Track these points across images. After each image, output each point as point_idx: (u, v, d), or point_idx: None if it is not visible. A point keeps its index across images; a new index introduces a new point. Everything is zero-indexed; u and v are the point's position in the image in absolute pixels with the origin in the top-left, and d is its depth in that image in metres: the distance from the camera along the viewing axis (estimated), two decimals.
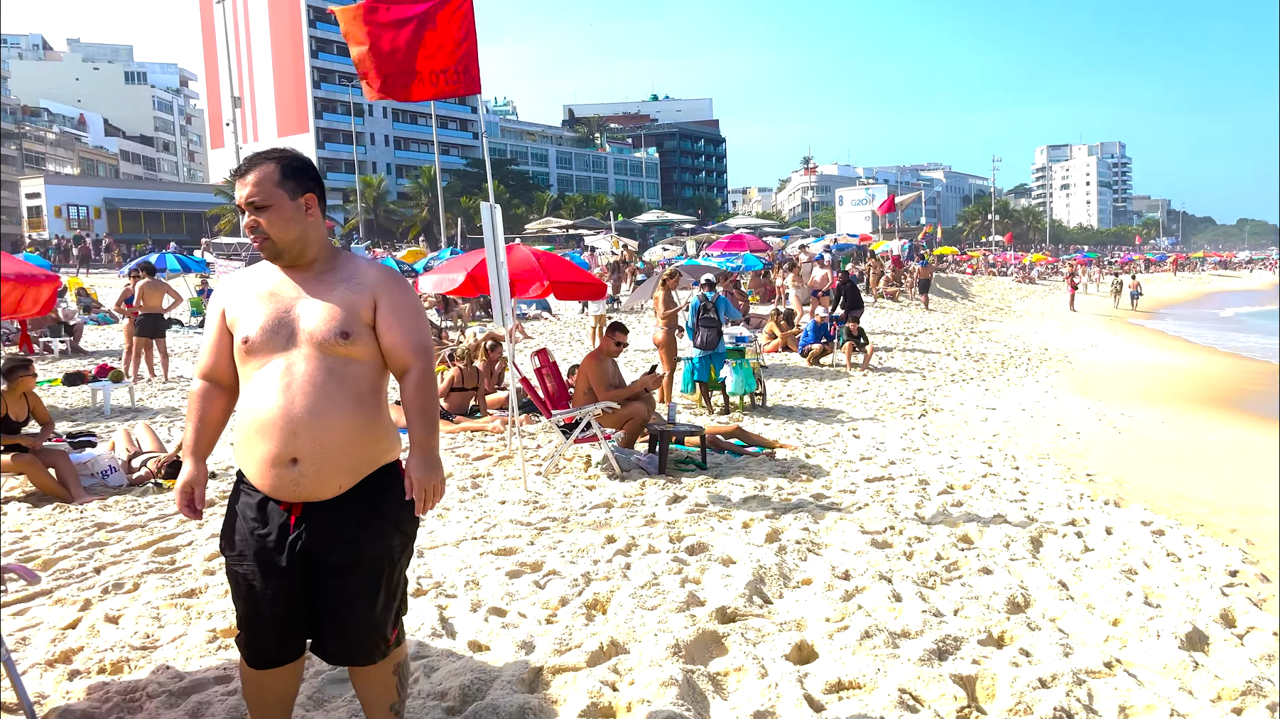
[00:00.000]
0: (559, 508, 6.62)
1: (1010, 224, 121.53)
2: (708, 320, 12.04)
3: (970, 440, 10.93)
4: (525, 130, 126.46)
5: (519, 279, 7.96)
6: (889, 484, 8.02)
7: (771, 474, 8.22)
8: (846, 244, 40.57)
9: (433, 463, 2.84)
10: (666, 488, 7.44)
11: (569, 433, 7.83)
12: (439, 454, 2.92)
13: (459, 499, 6.94)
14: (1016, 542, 6.07)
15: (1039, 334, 28.19)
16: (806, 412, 12.69)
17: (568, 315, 28.54)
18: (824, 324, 18.09)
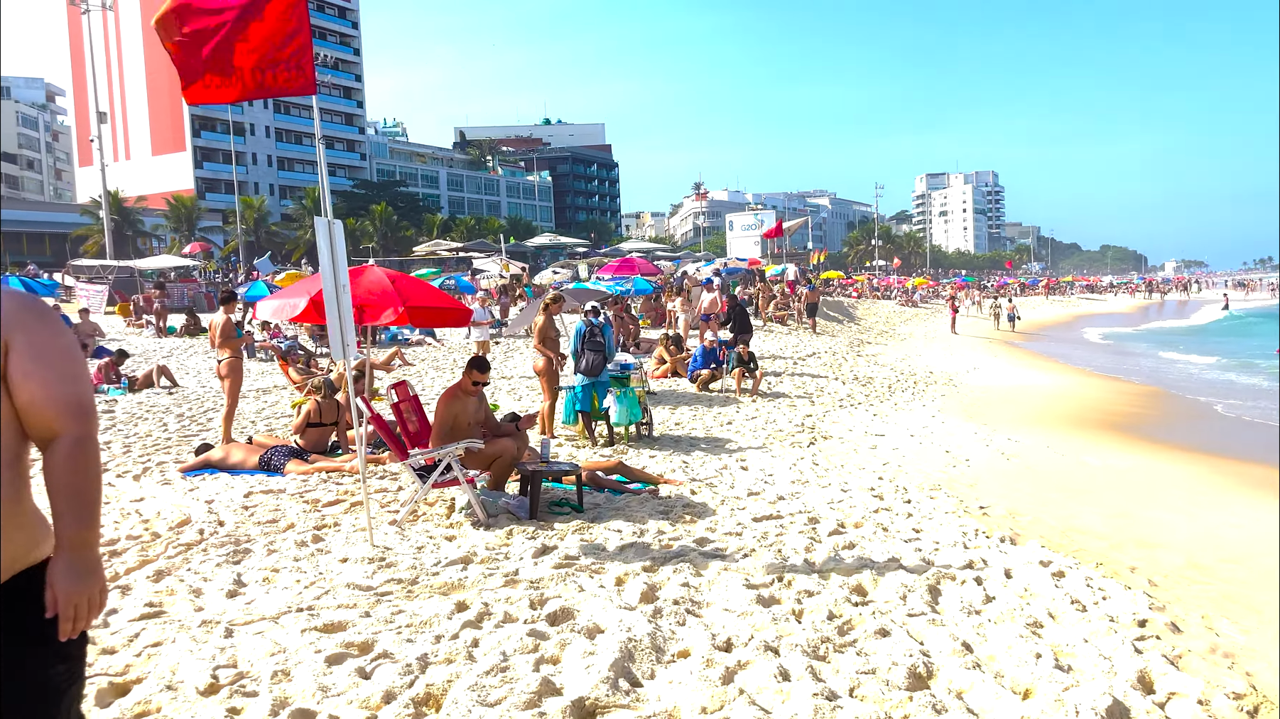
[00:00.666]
0: (408, 566, 5.80)
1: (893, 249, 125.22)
2: (594, 345, 11.36)
3: (860, 470, 10.52)
4: (415, 152, 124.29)
5: (370, 304, 7.14)
6: (777, 524, 7.46)
7: (653, 515, 7.57)
8: (736, 268, 40.62)
9: (86, 568, 2.10)
10: (536, 536, 6.70)
11: (429, 475, 7.03)
12: (98, 554, 2.17)
13: (294, 558, 6.06)
14: (914, 591, 5.55)
15: (924, 357, 28.49)
16: (694, 441, 12.12)
17: (453, 341, 27.50)
18: (713, 349, 17.65)
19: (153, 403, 15.47)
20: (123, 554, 6.29)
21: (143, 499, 8.30)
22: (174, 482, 9.14)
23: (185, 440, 11.76)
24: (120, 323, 31.04)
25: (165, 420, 13.55)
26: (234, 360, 11.31)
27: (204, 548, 6.35)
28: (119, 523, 7.28)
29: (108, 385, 17.07)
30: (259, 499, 8.09)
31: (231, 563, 5.96)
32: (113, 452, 11.00)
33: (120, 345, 24.30)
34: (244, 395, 16.23)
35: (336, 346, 5.93)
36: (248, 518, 7.34)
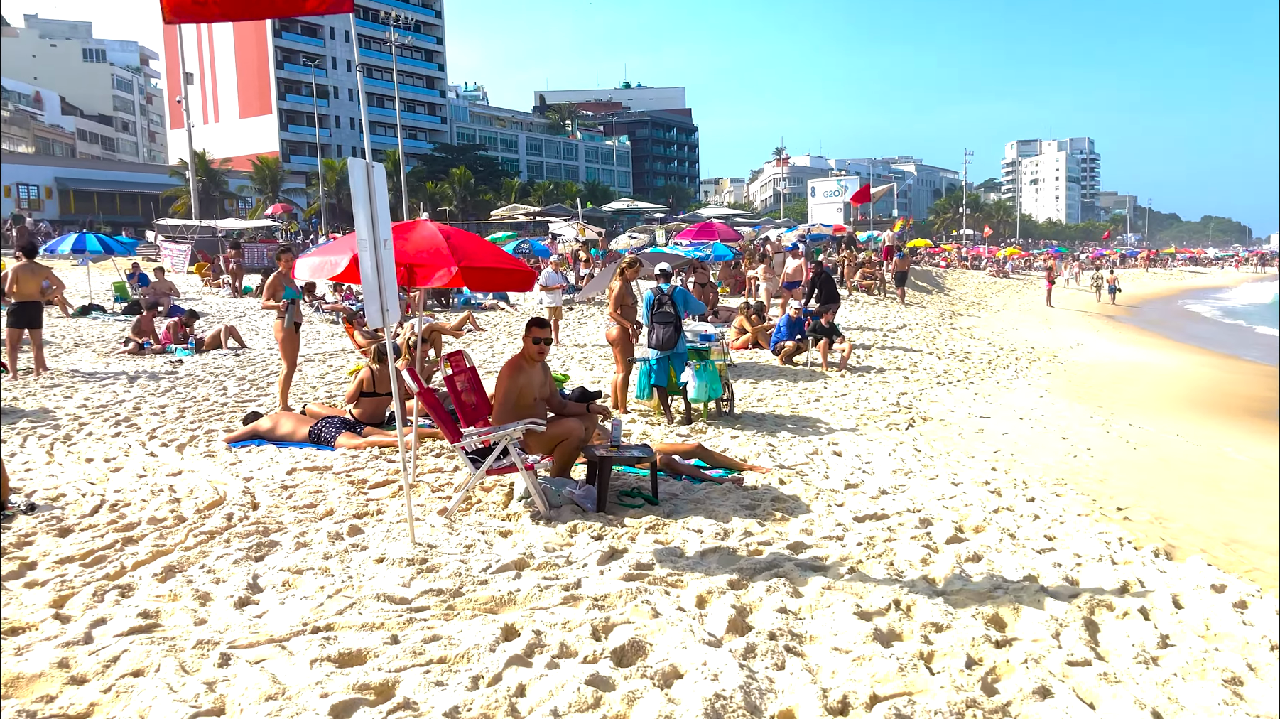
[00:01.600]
0: (452, 571, 4.93)
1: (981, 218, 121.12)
2: (663, 316, 10.37)
3: (969, 459, 9.36)
4: (495, 116, 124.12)
5: (421, 264, 6.26)
6: (883, 526, 6.40)
7: (738, 511, 6.58)
8: (821, 234, 39.06)
9: None
10: (603, 535, 5.78)
11: (484, 459, 6.14)
12: None
13: (324, 555, 5.24)
14: (1067, 627, 4.47)
15: (1021, 331, 26.79)
16: (779, 421, 11.07)
17: (528, 305, 26.76)
18: (798, 319, 16.49)
19: (217, 364, 15.01)
20: (138, 543, 5.55)
21: (180, 473, 7.62)
22: (218, 453, 8.46)
23: (241, 406, 11.15)
24: (198, 282, 31.10)
25: (226, 384, 13.01)
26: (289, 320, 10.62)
27: (227, 538, 5.59)
28: (147, 502, 6.58)
29: (175, 345, 16.71)
30: (301, 477, 7.33)
31: (253, 558, 5.17)
32: (165, 417, 10.45)
33: (197, 305, 24.19)
34: (309, 359, 15.69)
35: (374, 312, 5.05)
36: (284, 500, 6.57)
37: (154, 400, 11.58)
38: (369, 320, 4.98)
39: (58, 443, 9.05)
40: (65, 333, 18.93)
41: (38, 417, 10.47)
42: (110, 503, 6.56)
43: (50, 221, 58.81)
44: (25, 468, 7.90)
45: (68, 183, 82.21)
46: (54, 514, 6.23)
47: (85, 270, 25.50)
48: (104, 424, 10.03)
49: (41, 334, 13.69)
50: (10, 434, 9.50)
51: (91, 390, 12.35)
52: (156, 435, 9.44)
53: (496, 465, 5.99)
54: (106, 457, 8.38)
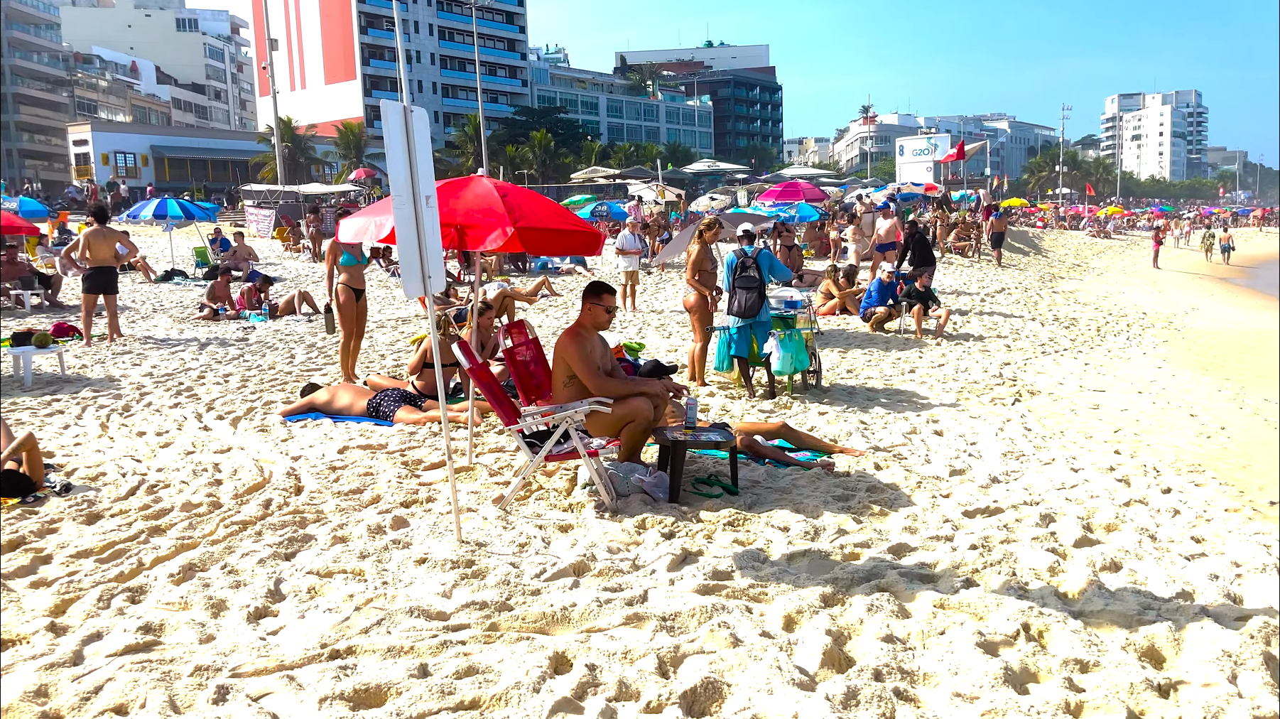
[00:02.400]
0: (501, 577, 4.28)
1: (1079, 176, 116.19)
2: (746, 280, 9.55)
3: (1087, 440, 8.39)
4: (576, 78, 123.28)
5: (474, 224, 5.60)
6: (999, 523, 5.57)
7: (829, 503, 5.81)
8: (912, 194, 37.43)
9: None
10: (675, 532, 5.08)
11: (541, 442, 5.49)
12: None
13: (360, 553, 4.65)
14: (1244, 665, 3.62)
15: (1128, 295, 25.13)
16: (871, 394, 10.21)
17: (606, 270, 26.11)
18: (890, 283, 15.46)
19: (289, 331, 14.73)
20: (165, 532, 5.06)
21: (228, 450, 7.17)
22: (272, 428, 8.01)
23: (306, 376, 10.75)
24: (280, 247, 31.25)
25: (294, 351, 12.67)
26: (344, 289, 10.13)
27: (259, 530, 5.05)
28: (186, 483, 6.12)
29: (249, 311, 16.53)
30: (353, 457, 6.80)
31: (282, 556, 4.62)
32: (227, 386, 10.10)
33: (277, 270, 24.19)
34: (381, 325, 15.32)
35: (411, 279, 4.40)
36: (330, 484, 6.03)
37: (219, 369, 11.27)
38: (405, 290, 4.34)
39: (114, 414, 8.74)
40: (146, 298, 18.98)
41: (102, 385, 10.23)
42: (149, 484, 6.12)
43: (149, 187, 60.26)
44: (75, 442, 7.56)
45: (162, 150, 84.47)
46: (87, 497, 5.80)
47: (168, 236, 25.70)
48: (165, 394, 9.72)
49: (117, 300, 13.54)
50: (70, 404, 9.23)
51: (160, 358, 12.13)
52: (214, 407, 9.07)
53: (556, 451, 5.33)
54: (159, 430, 8.00)
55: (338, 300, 10.13)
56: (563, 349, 5.81)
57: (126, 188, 53.26)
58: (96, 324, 13.93)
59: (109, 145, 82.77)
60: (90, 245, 12.86)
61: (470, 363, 5.32)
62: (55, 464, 6.74)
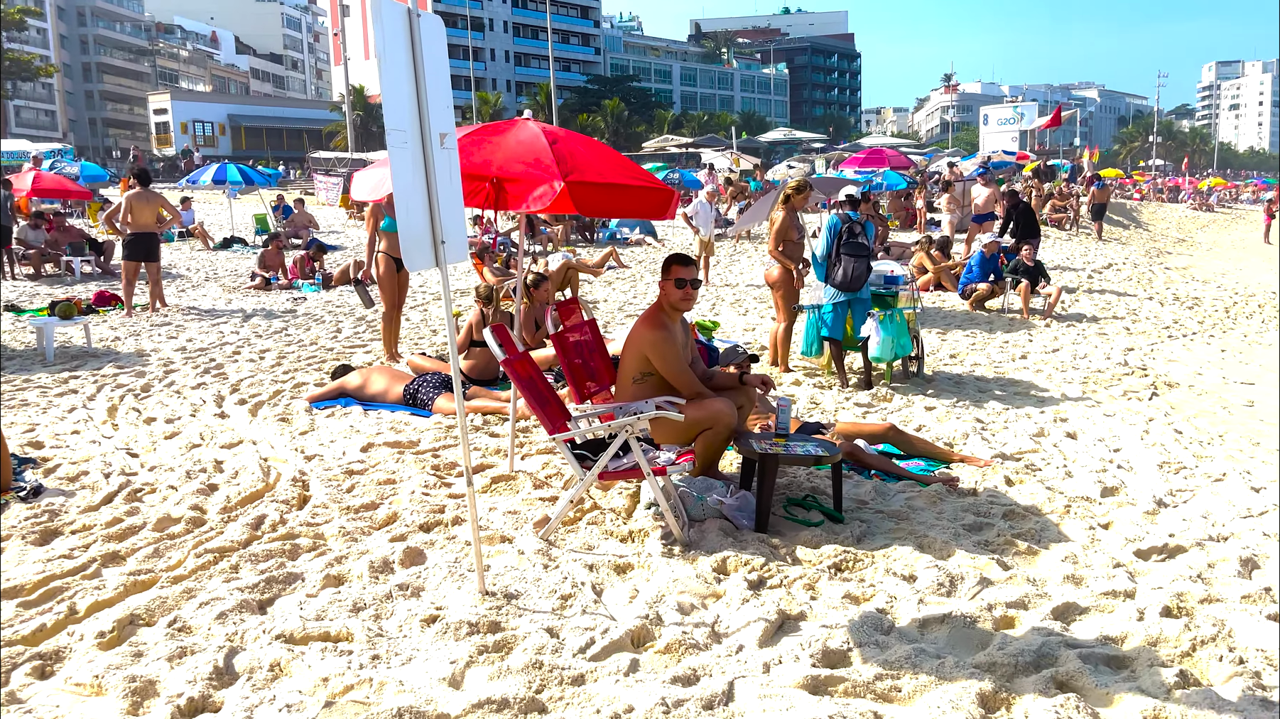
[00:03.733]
0: (532, 655, 3.13)
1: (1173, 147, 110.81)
2: (854, 247, 8.21)
3: (1255, 447, 6.95)
4: (650, 45, 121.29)
5: (515, 178, 4.43)
6: (1189, 571, 4.24)
7: (960, 536, 4.55)
8: (1003, 162, 35.25)
9: None
10: (766, 577, 3.89)
11: (594, 454, 4.34)
12: None
13: (354, 606, 3.54)
14: None
15: (1247, 272, 22.99)
16: (982, 385, 8.85)
17: (677, 240, 24.82)
18: (993, 257, 13.93)
19: (340, 302, 13.85)
20: (124, 561, 4.04)
21: (238, 444, 6.17)
22: (295, 416, 7.01)
23: (349, 353, 9.79)
24: (345, 215, 30.60)
25: (341, 325, 11.75)
26: (385, 257, 9.08)
27: (236, 563, 3.98)
28: (175, 489, 5.11)
29: (302, 280, 15.71)
30: (378, 457, 5.74)
31: (254, 606, 3.54)
32: (260, 364, 9.17)
33: (339, 239, 23.45)
34: (436, 298, 14.35)
35: (416, 246, 3.22)
36: (341, 496, 4.97)
37: (258, 343, 10.37)
38: (407, 262, 3.21)
39: (130, 395, 7.84)
40: (200, 266, 18.33)
41: (128, 361, 9.38)
42: (133, 488, 5.13)
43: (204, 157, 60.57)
44: (74, 429, 6.65)
45: (239, 119, 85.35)
46: (54, 505, 4.83)
47: (229, 203, 25.14)
48: (192, 372, 8.82)
49: (159, 267, 12.77)
50: (87, 382, 8.38)
51: (200, 330, 11.30)
52: (239, 388, 8.13)
53: (613, 467, 4.17)
54: (171, 416, 7.06)
55: (378, 270, 9.10)
56: (640, 338, 4.63)
57: (200, 156, 53.48)
58: (140, 293, 13.20)
59: (188, 114, 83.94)
60: (132, 209, 12.06)
61: (508, 352, 4.16)
62: (39, 458, 5.82)
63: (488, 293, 8.20)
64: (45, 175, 18.14)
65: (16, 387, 8.24)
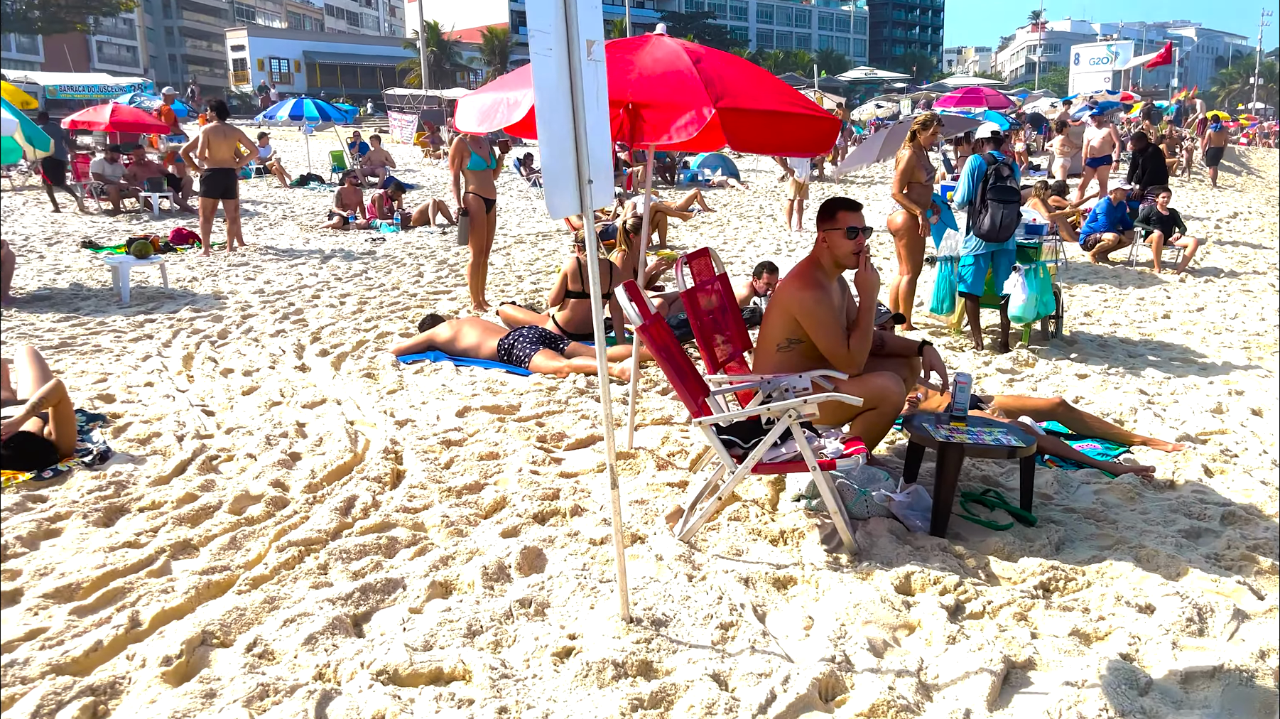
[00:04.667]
0: (702, 710, 2.45)
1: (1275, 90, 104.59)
2: (1003, 192, 7.27)
3: None
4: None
5: (652, 103, 3.65)
6: None
7: (1184, 549, 3.73)
8: (1109, 103, 33.18)
9: None
10: (964, 602, 3.16)
11: (742, 439, 3.62)
12: None
13: (467, 626, 2.89)
14: None
15: None
16: (1130, 348, 7.90)
17: (761, 183, 23.78)
18: (1121, 205, 12.75)
19: (420, 244, 13.27)
20: (197, 552, 3.45)
21: (321, 403, 5.59)
22: (381, 371, 6.41)
23: (431, 300, 9.20)
24: (419, 153, 30.05)
25: (423, 268, 11.16)
26: (473, 198, 8.39)
27: (325, 561, 3.37)
28: (254, 457, 4.54)
29: (380, 220, 15.17)
30: (475, 423, 5.11)
31: (348, 625, 2.91)
32: (341, 310, 8.63)
33: (415, 177, 22.90)
34: (519, 241, 13.69)
35: (561, 186, 2.49)
36: (440, 473, 4.34)
37: (337, 287, 9.84)
38: (550, 206, 2.49)
39: (206, 342, 7.35)
40: (277, 204, 17.92)
41: (205, 304, 8.92)
42: (208, 454, 4.57)
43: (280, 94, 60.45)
44: (146, 381, 6.14)
45: (314, 56, 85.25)
46: (121, 474, 4.29)
47: (305, 139, 24.72)
48: (270, 317, 8.31)
49: (238, 204, 12.29)
50: (162, 326, 7.92)
51: (278, 271, 10.81)
52: (320, 337, 7.58)
53: (769, 458, 3.45)
54: (248, 368, 6.52)
55: (471, 210, 8.42)
56: (789, 299, 3.87)
57: (276, 93, 53.38)
58: (217, 231, 12.78)
59: (264, 51, 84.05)
60: (210, 143, 11.55)
61: (644, 317, 3.44)
62: (109, 414, 5.31)
63: (583, 240, 7.46)
64: (123, 108, 17.82)
65: (90, 330, 7.81)
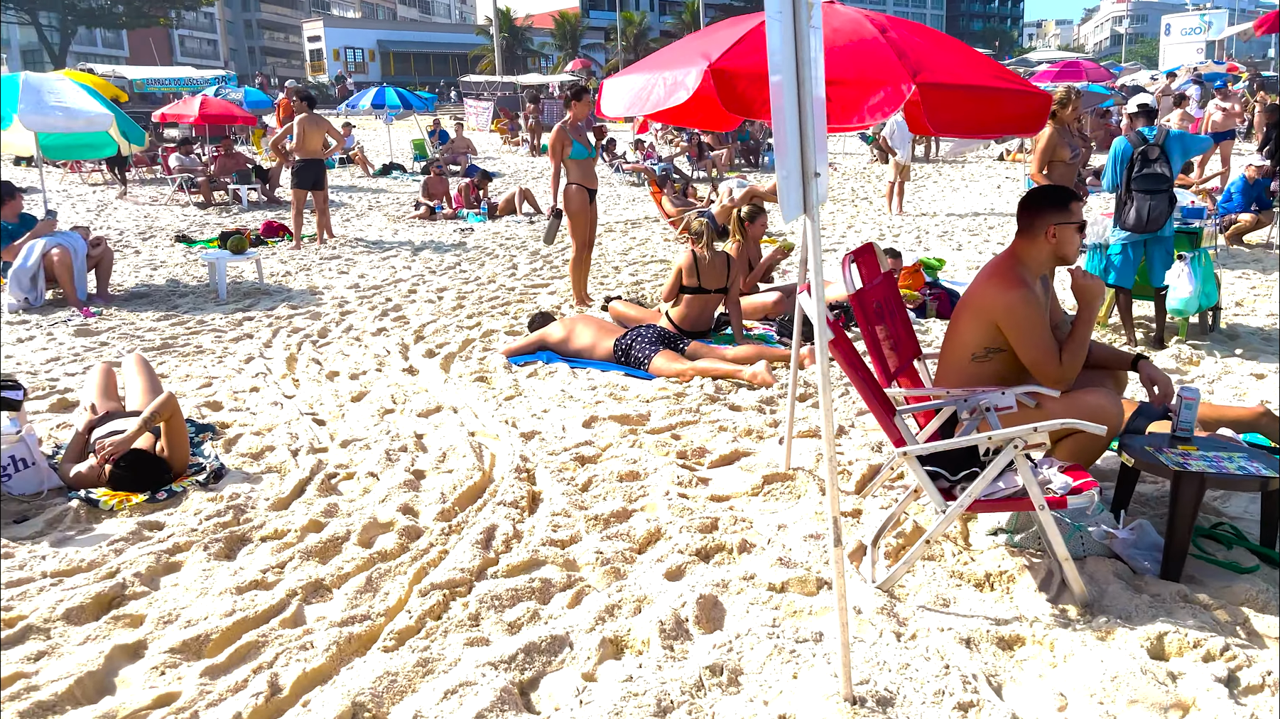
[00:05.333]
0: None
1: None
2: (1150, 180, 6.60)
3: None
4: None
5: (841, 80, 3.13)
6: None
7: None
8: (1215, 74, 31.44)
9: None
10: (1235, 673, 2.63)
11: (948, 471, 3.12)
12: None
13: (656, 703, 2.47)
14: None
15: None
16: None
17: (848, 165, 22.98)
18: (1257, 182, 11.81)
19: (509, 234, 12.95)
20: (330, 594, 3.09)
21: (437, 411, 5.24)
22: (494, 374, 6.04)
23: (530, 294, 8.83)
24: (498, 140, 29.86)
25: (516, 260, 10.81)
26: (576, 190, 7.95)
27: (478, 605, 2.97)
28: (376, 478, 4.19)
29: (467, 210, 14.91)
30: (605, 436, 4.69)
31: (518, 695, 2.51)
32: (440, 306, 8.31)
33: (495, 165, 22.67)
34: (609, 229, 13.27)
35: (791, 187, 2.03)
36: (580, 496, 3.93)
37: (433, 280, 9.54)
38: (783, 207, 2.02)
39: (307, 342, 7.08)
40: (362, 194, 17.80)
41: (301, 299, 8.68)
42: (325, 473, 4.24)
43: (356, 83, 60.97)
44: (252, 386, 5.87)
45: (388, 45, 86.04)
46: (238, 495, 3.97)
47: (387, 128, 24.65)
48: (369, 314, 8.03)
49: (327, 196, 12.08)
50: (261, 324, 7.68)
51: (370, 264, 10.57)
52: (424, 335, 7.26)
53: (985, 494, 2.95)
54: (354, 371, 6.22)
55: (567, 205, 7.99)
56: (989, 301, 3.36)
57: (353, 82, 53.87)
58: (307, 223, 12.61)
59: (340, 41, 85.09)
60: (304, 133, 11.35)
61: (835, 333, 2.96)
62: (218, 424, 5.03)
63: (700, 230, 6.97)
64: (212, 100, 17.86)
65: (190, 329, 7.60)
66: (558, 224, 7.97)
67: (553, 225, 8.01)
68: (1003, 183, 18.44)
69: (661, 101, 3.37)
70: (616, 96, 3.70)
